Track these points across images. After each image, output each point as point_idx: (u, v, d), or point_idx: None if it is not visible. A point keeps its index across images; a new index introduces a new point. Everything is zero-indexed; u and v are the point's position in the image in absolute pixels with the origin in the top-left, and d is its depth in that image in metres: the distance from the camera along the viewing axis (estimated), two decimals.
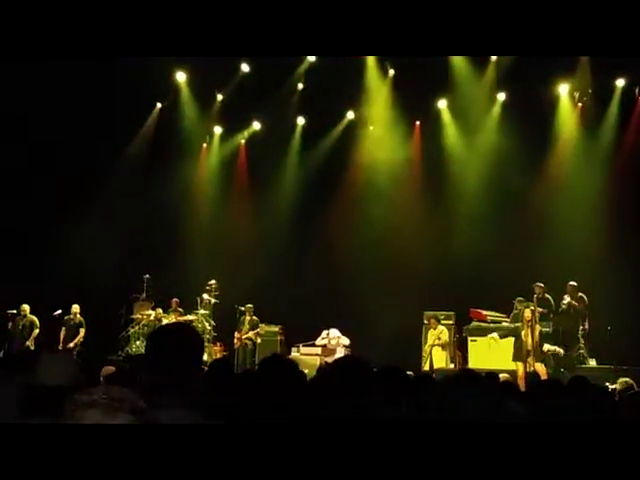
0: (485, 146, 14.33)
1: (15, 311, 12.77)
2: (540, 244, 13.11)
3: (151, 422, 1.52)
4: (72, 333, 13.04)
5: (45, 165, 13.46)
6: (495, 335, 11.90)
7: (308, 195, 15.22)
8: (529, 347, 10.70)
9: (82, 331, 13.06)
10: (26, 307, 12.74)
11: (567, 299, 11.97)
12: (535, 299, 11.63)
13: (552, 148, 14.05)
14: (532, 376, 9.89)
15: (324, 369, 5.51)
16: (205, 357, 12.95)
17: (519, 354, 10.82)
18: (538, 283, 11.95)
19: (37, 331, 12.72)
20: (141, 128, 15.46)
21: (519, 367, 10.76)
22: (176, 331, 2.55)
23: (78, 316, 13.12)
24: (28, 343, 12.52)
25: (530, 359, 10.65)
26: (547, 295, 12.03)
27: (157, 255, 14.49)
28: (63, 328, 13.14)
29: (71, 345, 12.89)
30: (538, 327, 10.91)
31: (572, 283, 12.05)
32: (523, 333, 10.79)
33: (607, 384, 7.67)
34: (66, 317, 13.14)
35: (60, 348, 12.45)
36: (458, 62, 13.75)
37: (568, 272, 12.25)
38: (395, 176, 14.68)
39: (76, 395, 1.52)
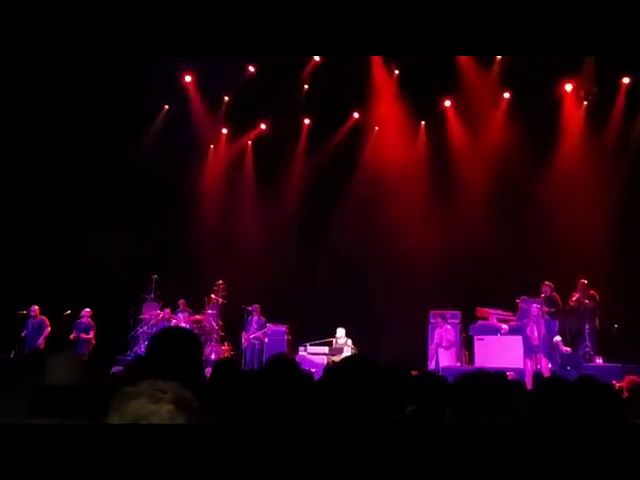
0: (491, 145, 14.29)
1: (25, 312, 12.87)
2: (547, 243, 13.08)
3: (196, 414, 1.55)
4: (81, 335, 13.10)
5: (54, 167, 13.53)
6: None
7: (314, 195, 15.25)
8: (536, 343, 10.70)
9: (92, 333, 13.12)
10: (36, 307, 12.83)
11: (576, 296, 11.94)
12: (543, 297, 11.61)
13: (558, 146, 14.00)
14: (538, 374, 9.89)
15: (331, 368, 5.52)
16: (213, 357, 13.03)
17: (526, 350, 10.83)
18: (546, 282, 11.93)
19: (48, 330, 12.81)
20: (149, 130, 15.53)
21: (527, 364, 10.76)
22: (171, 335, 2.58)
23: (88, 318, 13.18)
24: (39, 343, 12.59)
25: (537, 356, 10.66)
26: (555, 294, 12.01)
27: (165, 256, 14.56)
28: (74, 330, 13.21)
29: (85, 336, 12.94)
30: (544, 322, 10.92)
31: (583, 280, 12.00)
32: (528, 329, 10.79)
33: (614, 382, 7.66)
34: (77, 320, 13.21)
35: (70, 350, 12.50)
36: (463, 62, 13.74)
37: (575, 270, 12.21)
38: (401, 176, 14.66)
39: (124, 386, 1.56)
